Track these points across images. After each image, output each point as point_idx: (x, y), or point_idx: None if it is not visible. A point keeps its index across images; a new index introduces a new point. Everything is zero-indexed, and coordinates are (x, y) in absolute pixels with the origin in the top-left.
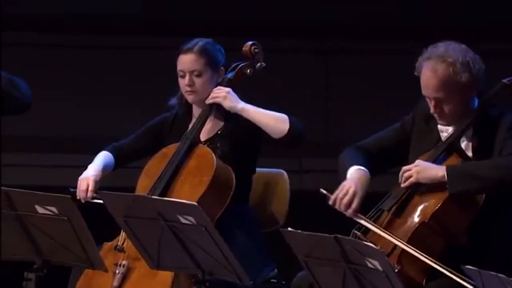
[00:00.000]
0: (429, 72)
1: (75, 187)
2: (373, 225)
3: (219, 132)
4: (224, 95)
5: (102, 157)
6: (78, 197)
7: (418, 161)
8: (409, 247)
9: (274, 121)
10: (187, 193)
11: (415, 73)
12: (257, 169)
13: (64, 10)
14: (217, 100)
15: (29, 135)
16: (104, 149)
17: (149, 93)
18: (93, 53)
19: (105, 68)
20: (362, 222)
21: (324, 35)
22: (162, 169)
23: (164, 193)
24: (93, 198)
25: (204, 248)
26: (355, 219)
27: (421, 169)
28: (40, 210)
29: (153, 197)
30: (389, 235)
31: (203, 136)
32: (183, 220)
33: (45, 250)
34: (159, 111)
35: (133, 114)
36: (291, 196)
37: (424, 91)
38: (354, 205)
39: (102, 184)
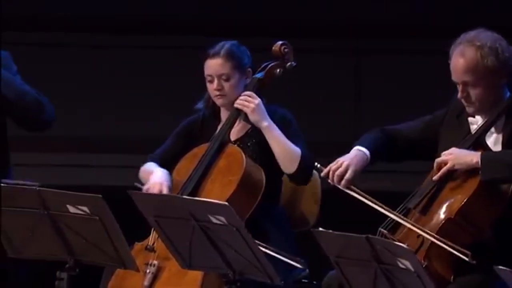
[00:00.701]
0: (458, 56)
1: (140, 184)
2: (367, 198)
3: (248, 132)
4: (253, 108)
5: (156, 165)
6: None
7: (452, 149)
8: (419, 228)
9: (285, 156)
10: (216, 192)
11: (448, 62)
12: None
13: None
14: (245, 110)
15: (58, 135)
16: (150, 160)
17: (179, 92)
18: (122, 52)
19: (130, 68)
20: (355, 195)
21: (355, 35)
22: (192, 169)
23: (194, 192)
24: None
25: (235, 248)
26: (347, 191)
27: (456, 156)
28: (72, 209)
29: (184, 196)
30: (391, 212)
31: (233, 136)
32: (214, 220)
33: (77, 250)
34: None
35: (162, 114)
36: (322, 195)
37: (453, 76)
38: (346, 176)
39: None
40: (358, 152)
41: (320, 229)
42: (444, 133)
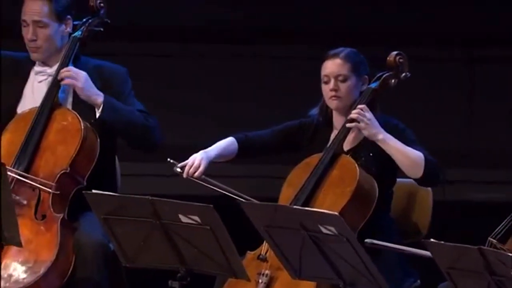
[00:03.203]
0: None
1: (176, 161)
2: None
3: (361, 142)
4: (366, 123)
5: (225, 144)
6: (179, 170)
7: None
8: None
9: (409, 162)
10: (330, 203)
11: None
12: (400, 180)
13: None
14: (359, 126)
15: (167, 144)
16: (233, 136)
17: (276, 101)
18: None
19: (229, 76)
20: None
21: (469, 44)
22: (305, 179)
23: (306, 203)
24: (197, 178)
25: (346, 258)
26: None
27: None
28: (183, 219)
29: (294, 206)
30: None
31: (346, 146)
32: (324, 230)
33: (189, 259)
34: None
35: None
36: (434, 207)
37: None
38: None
39: (248, 193)
40: None
41: (432, 240)
42: None
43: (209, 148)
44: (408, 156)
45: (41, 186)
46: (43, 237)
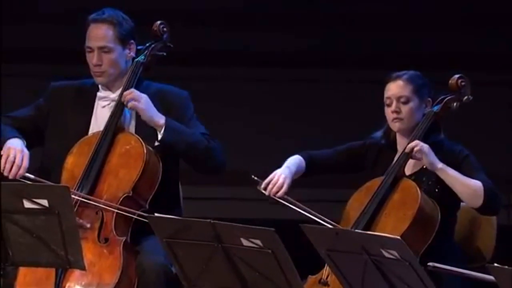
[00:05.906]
0: None
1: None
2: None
3: (424, 166)
4: (426, 152)
5: (298, 160)
6: (263, 187)
7: None
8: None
9: (469, 192)
10: (391, 227)
11: None
12: (464, 204)
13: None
14: (418, 157)
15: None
16: (298, 154)
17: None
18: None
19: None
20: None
21: None
22: (366, 202)
23: (368, 226)
24: (280, 197)
25: (408, 283)
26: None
27: None
28: (245, 242)
29: (356, 230)
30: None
31: (408, 170)
32: (386, 255)
33: (250, 283)
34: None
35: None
36: (498, 231)
37: None
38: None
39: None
40: None
41: (495, 264)
42: None
43: (289, 164)
44: (467, 186)
45: (104, 207)
46: (106, 260)
